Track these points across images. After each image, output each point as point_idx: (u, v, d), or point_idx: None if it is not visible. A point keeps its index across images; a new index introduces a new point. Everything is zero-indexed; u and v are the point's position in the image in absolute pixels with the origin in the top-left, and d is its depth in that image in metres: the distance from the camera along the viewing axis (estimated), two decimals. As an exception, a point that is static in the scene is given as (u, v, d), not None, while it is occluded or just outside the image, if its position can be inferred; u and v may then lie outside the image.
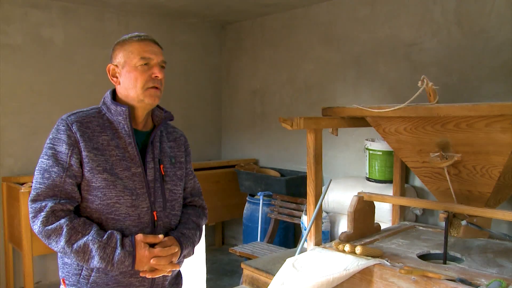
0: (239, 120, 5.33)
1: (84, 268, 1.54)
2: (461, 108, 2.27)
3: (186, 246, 1.66)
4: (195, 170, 4.95)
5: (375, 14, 3.89)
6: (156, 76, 1.60)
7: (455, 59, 3.37)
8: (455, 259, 2.54)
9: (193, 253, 1.74)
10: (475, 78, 3.27)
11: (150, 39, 1.65)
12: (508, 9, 3.10)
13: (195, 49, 5.27)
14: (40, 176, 1.52)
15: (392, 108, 2.49)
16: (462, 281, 2.10)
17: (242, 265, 3.22)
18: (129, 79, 1.60)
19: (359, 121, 2.92)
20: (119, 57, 1.63)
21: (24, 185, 3.69)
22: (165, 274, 1.61)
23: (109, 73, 1.66)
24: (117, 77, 1.64)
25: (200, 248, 3.14)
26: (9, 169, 4.06)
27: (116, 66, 1.64)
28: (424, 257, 2.57)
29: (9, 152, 4.06)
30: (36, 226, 1.48)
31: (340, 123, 2.89)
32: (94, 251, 1.46)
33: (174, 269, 1.62)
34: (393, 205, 3.30)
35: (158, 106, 1.72)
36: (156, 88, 1.61)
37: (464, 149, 2.41)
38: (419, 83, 2.45)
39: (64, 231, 1.46)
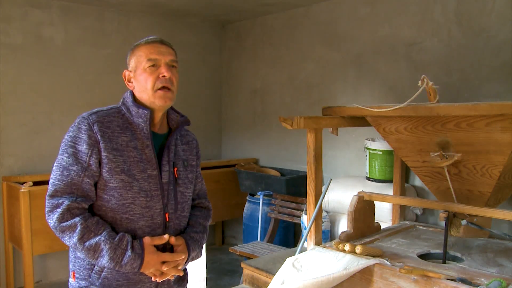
0: (240, 120, 5.33)
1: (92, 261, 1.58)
2: (461, 107, 2.27)
3: (193, 249, 1.72)
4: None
5: (376, 14, 3.89)
6: (164, 76, 1.62)
7: (456, 59, 3.37)
8: (455, 259, 2.54)
9: (200, 255, 1.79)
10: (475, 77, 3.27)
11: (158, 40, 1.69)
12: (508, 8, 3.10)
13: (196, 48, 5.27)
14: (59, 173, 1.55)
15: (392, 108, 2.49)
16: (462, 280, 2.10)
17: (242, 265, 3.22)
18: (140, 82, 1.64)
19: (359, 121, 2.92)
20: (132, 63, 1.67)
21: (24, 184, 3.69)
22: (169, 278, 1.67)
23: (125, 79, 1.70)
24: (131, 82, 1.68)
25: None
26: (10, 169, 4.06)
27: (130, 71, 1.68)
28: (424, 256, 2.57)
29: (10, 151, 4.07)
30: (52, 220, 1.53)
31: (340, 123, 2.89)
32: (105, 251, 1.51)
33: (177, 274, 1.67)
34: (393, 204, 3.30)
35: (173, 109, 1.75)
36: (167, 88, 1.63)
37: (464, 149, 2.41)
38: (419, 83, 2.45)
39: (78, 229, 1.50)
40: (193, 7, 4.59)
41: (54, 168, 1.58)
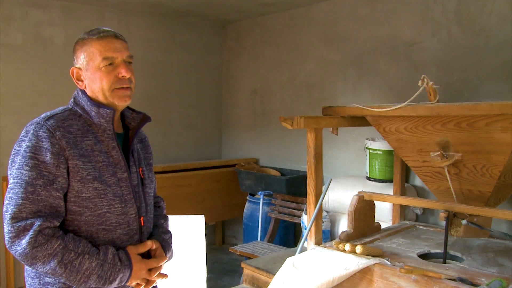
0: (240, 120, 5.33)
1: (75, 286, 1.42)
2: (461, 107, 2.27)
3: (168, 251, 1.66)
4: (195, 169, 4.96)
5: (376, 13, 3.89)
6: (124, 76, 1.49)
7: (456, 58, 3.37)
8: (455, 259, 2.54)
9: (172, 256, 1.71)
10: (476, 77, 3.27)
11: (111, 34, 1.51)
12: (508, 8, 3.09)
13: (195, 48, 5.27)
14: (21, 190, 1.35)
15: (393, 108, 2.49)
16: (463, 280, 2.09)
17: (243, 265, 3.22)
18: (94, 81, 1.48)
19: (360, 121, 2.92)
20: (81, 59, 1.50)
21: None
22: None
23: (73, 76, 1.53)
24: (82, 80, 1.52)
25: (200, 247, 3.14)
26: (10, 169, 4.05)
27: (80, 68, 1.51)
28: (424, 256, 2.56)
29: (10, 151, 4.04)
30: (19, 247, 1.33)
31: (340, 123, 2.89)
32: (91, 270, 1.38)
33: (163, 279, 1.61)
34: (393, 204, 3.29)
35: (127, 106, 1.63)
36: (126, 88, 1.50)
37: (465, 148, 2.41)
38: (420, 83, 2.45)
39: (55, 252, 1.34)
40: (193, 7, 4.59)
41: (12, 185, 1.38)
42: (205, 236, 3.20)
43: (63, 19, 4.30)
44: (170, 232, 1.76)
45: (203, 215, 3.18)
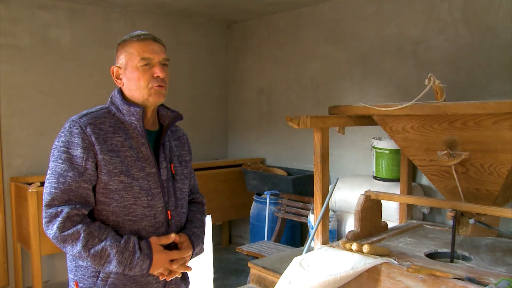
0: (246, 119, 5.34)
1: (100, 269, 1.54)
2: (468, 106, 2.26)
3: (197, 244, 1.71)
4: (202, 169, 4.97)
5: (382, 12, 3.88)
6: (158, 76, 1.59)
7: (462, 57, 3.35)
8: (463, 258, 2.53)
9: (203, 250, 1.78)
10: (483, 75, 3.25)
11: (150, 37, 1.63)
12: (516, 6, 3.08)
13: (201, 48, 5.28)
14: (54, 180, 1.50)
15: (399, 107, 2.49)
16: (470, 280, 2.08)
17: (249, 264, 3.23)
18: (132, 80, 1.60)
19: (366, 120, 2.91)
20: (121, 59, 1.62)
21: (32, 185, 3.71)
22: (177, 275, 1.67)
23: (113, 74, 1.66)
24: (120, 79, 1.64)
25: (207, 247, 3.15)
26: (17, 169, 4.08)
27: (119, 67, 1.64)
28: (431, 255, 2.55)
29: (17, 152, 4.09)
30: (52, 231, 1.48)
31: (347, 122, 2.89)
32: (112, 256, 1.48)
33: (186, 271, 1.67)
34: (400, 203, 3.28)
35: (163, 105, 1.73)
36: (160, 86, 1.60)
37: (472, 147, 2.40)
38: (426, 81, 2.44)
39: (81, 236, 1.46)
40: (199, 7, 4.59)
41: (48, 176, 1.53)
42: (212, 236, 3.21)
43: (69, 20, 4.32)
44: (204, 228, 1.81)
45: (210, 215, 3.19)
